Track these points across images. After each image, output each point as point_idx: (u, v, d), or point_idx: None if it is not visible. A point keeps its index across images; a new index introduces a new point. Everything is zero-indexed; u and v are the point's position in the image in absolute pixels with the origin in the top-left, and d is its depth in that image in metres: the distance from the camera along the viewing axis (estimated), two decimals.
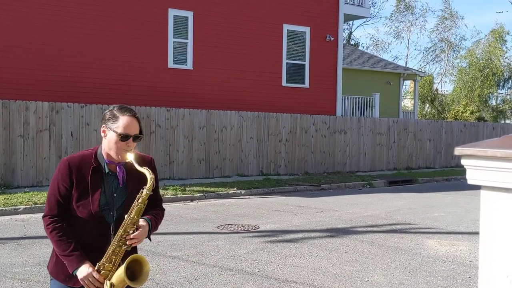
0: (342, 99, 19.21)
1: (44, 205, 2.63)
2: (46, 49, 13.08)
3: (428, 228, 8.78)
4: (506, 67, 38.08)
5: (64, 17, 13.25)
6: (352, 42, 42.88)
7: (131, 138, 2.58)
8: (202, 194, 11.79)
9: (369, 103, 21.25)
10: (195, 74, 15.19)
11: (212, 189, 12.35)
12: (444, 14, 42.51)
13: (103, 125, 2.62)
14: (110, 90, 13.83)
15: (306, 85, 17.24)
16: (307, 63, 17.20)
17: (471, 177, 1.61)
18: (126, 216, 2.53)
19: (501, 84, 38.85)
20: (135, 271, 2.52)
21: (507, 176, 1.53)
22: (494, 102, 40.11)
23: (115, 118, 2.58)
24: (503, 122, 38.36)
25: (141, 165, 2.57)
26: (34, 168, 12.07)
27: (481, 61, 36.97)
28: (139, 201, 2.53)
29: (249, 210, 10.27)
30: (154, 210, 2.73)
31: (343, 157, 17.45)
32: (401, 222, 9.29)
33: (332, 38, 17.53)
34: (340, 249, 7.16)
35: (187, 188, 12.26)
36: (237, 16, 15.77)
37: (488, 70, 36.34)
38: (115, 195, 2.62)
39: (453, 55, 42.86)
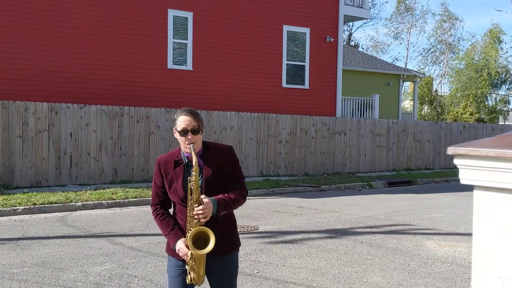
0: (342, 100, 19.21)
1: (44, 205, 2.95)
2: (45, 50, 13.09)
3: (427, 229, 8.78)
4: (502, 68, 38.09)
5: (63, 18, 13.26)
6: (352, 43, 42.89)
7: (189, 132, 3.06)
8: None
9: (369, 104, 21.25)
10: (195, 75, 15.20)
11: None
12: (443, 17, 42.56)
13: (173, 128, 3.18)
14: (110, 91, 13.84)
15: (306, 86, 17.24)
16: (307, 64, 17.21)
17: (464, 177, 1.61)
18: (188, 196, 3.02)
19: (498, 85, 38.84)
20: (207, 240, 2.96)
21: (500, 175, 1.53)
22: (491, 103, 40.07)
23: (175, 119, 3.14)
24: (502, 123, 38.35)
25: (213, 154, 3.12)
26: (33, 169, 12.07)
27: (476, 63, 36.99)
28: (191, 182, 3.00)
29: (249, 211, 10.26)
30: (231, 192, 3.13)
31: (342, 158, 17.45)
32: (400, 223, 9.28)
33: (332, 39, 17.54)
34: (339, 250, 7.16)
35: None
36: (237, 17, 15.78)
37: (485, 71, 36.34)
38: None
39: (452, 57, 42.90)
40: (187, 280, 3.11)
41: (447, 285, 5.71)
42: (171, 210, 3.29)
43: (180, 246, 3.07)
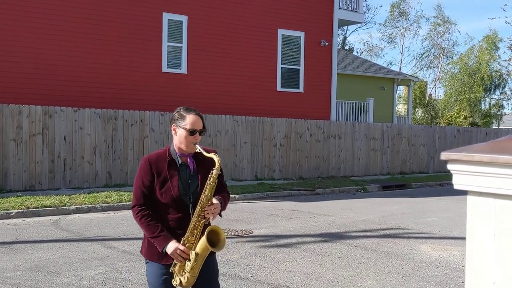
0: (336, 104, 19.24)
1: (37, 209, 2.74)
2: (39, 52, 13.04)
3: (421, 233, 8.80)
4: (496, 73, 38.27)
5: (58, 21, 13.22)
6: (347, 47, 43.01)
7: (198, 133, 3.10)
8: None
9: (363, 108, 21.30)
10: (189, 78, 15.19)
11: None
12: (437, 21, 42.73)
13: (173, 125, 3.13)
14: (104, 94, 13.80)
15: (301, 90, 17.26)
16: (301, 68, 17.23)
17: (458, 182, 1.61)
18: (201, 195, 3.02)
19: (492, 89, 39.00)
20: (214, 240, 3.00)
21: (494, 181, 1.53)
22: (485, 107, 40.23)
23: (182, 117, 3.11)
24: (496, 127, 38.51)
25: (203, 156, 3.09)
26: (26, 172, 12.01)
27: (470, 67, 37.15)
28: (211, 180, 3.03)
29: (243, 214, 10.25)
30: (221, 194, 3.18)
31: (337, 162, 17.47)
32: (395, 227, 9.30)
33: (326, 43, 17.58)
34: (333, 254, 7.16)
35: None
36: (231, 21, 15.79)
37: (478, 75, 36.51)
38: (189, 181, 3.12)
39: (446, 61, 43.08)
40: (174, 283, 3.05)
41: None
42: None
43: (177, 246, 2.98)
